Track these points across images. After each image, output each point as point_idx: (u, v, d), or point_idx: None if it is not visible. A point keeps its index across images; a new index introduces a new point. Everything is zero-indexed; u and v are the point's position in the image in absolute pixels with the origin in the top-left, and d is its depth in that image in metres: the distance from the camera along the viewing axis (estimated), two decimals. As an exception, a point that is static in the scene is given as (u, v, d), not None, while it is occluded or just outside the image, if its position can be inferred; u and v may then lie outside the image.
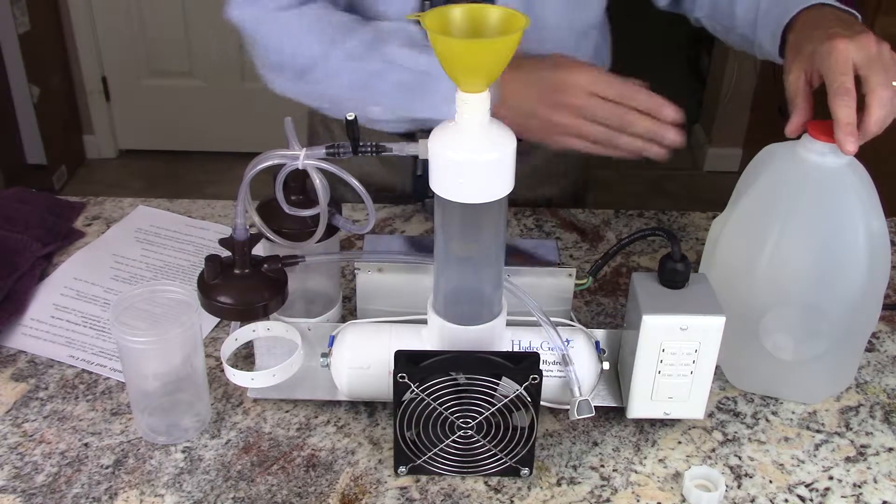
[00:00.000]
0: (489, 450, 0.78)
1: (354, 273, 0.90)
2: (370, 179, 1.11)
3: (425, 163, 0.72)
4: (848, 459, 0.83)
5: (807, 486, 0.80)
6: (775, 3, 0.97)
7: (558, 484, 0.80)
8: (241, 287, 0.80)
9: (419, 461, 0.78)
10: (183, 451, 0.82)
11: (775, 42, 0.95)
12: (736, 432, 0.86)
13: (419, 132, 1.00)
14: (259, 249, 0.85)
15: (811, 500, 0.79)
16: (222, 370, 0.86)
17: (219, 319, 0.95)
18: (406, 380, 0.74)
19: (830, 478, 0.81)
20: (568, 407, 0.80)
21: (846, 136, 0.76)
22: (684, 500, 0.78)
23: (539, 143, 0.98)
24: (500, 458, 0.78)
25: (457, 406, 0.76)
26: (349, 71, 1.00)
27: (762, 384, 0.90)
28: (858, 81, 0.79)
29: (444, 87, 0.95)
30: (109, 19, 3.08)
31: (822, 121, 0.80)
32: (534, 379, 0.74)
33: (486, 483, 0.79)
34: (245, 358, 0.92)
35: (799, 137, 0.83)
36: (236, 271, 0.81)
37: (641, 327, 0.78)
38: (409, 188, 1.20)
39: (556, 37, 1.08)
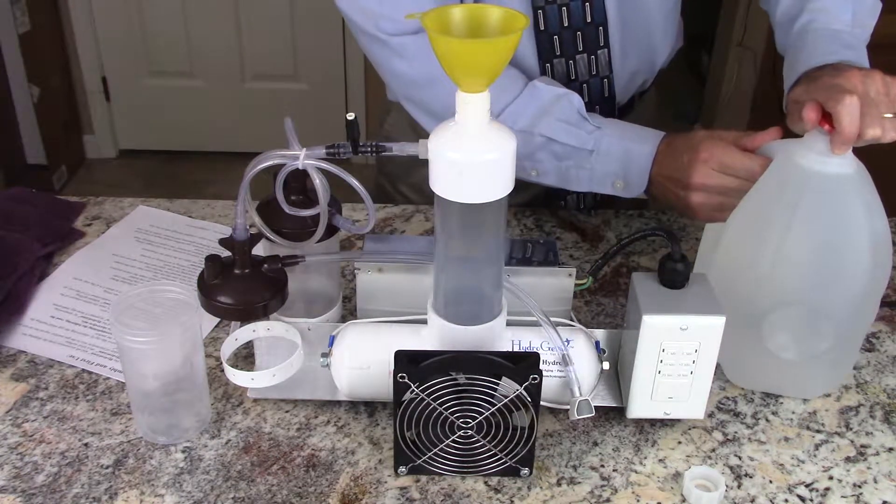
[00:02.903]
0: (489, 450, 0.78)
1: (354, 273, 0.90)
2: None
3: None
4: (848, 459, 0.83)
5: (807, 486, 0.80)
6: (790, 49, 1.00)
7: (558, 484, 0.80)
8: (241, 287, 0.80)
9: (419, 461, 0.78)
10: (183, 451, 0.82)
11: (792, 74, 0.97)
12: (736, 432, 0.86)
13: None
14: (259, 249, 0.85)
15: (811, 500, 0.79)
16: (222, 370, 0.86)
17: (219, 319, 0.95)
18: (406, 380, 0.74)
19: (830, 478, 0.81)
20: (568, 407, 0.80)
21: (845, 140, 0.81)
22: (684, 500, 0.78)
23: None
24: (500, 458, 0.78)
25: (457, 406, 0.76)
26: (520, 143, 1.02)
27: (763, 382, 0.90)
28: None
29: (613, 165, 0.99)
30: (109, 19, 3.08)
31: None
32: (534, 379, 0.74)
33: (486, 483, 0.79)
34: (245, 358, 0.92)
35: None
36: (236, 271, 0.81)
37: (641, 327, 0.78)
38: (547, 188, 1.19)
39: (654, 17, 1.11)
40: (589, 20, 1.06)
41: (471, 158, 0.69)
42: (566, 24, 1.05)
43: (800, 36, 1.00)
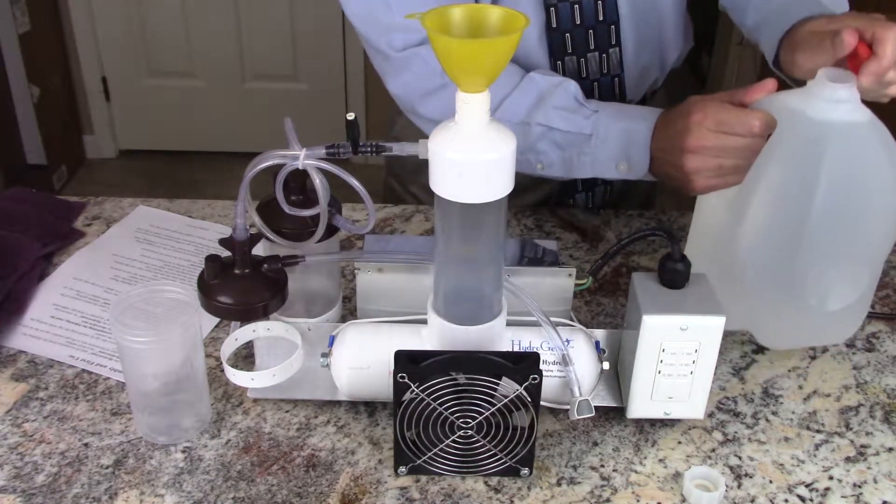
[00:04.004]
0: (489, 450, 0.78)
1: (354, 273, 0.90)
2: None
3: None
4: (848, 459, 0.83)
5: (807, 486, 0.80)
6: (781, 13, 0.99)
7: (558, 484, 0.80)
8: (241, 287, 0.80)
9: (419, 461, 0.78)
10: (183, 451, 0.82)
11: (774, 37, 0.97)
12: (736, 432, 0.86)
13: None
14: (259, 249, 0.85)
15: (811, 500, 0.79)
16: (222, 370, 0.86)
17: (219, 319, 0.95)
18: (406, 380, 0.74)
19: (830, 478, 0.81)
20: (568, 407, 0.80)
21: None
22: (684, 500, 0.78)
23: None
24: (500, 458, 0.78)
25: (457, 406, 0.76)
26: (517, 135, 1.01)
27: (800, 338, 0.90)
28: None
29: (612, 149, 0.97)
30: (109, 19, 3.08)
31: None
32: (534, 379, 0.74)
33: (486, 483, 0.79)
34: (245, 358, 0.92)
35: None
36: (236, 271, 0.81)
37: (641, 327, 0.78)
38: (552, 182, 1.19)
39: (666, 14, 1.11)
40: (601, 18, 1.06)
41: (471, 158, 0.69)
42: (578, 22, 1.05)
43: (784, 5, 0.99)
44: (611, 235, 1.15)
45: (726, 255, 0.86)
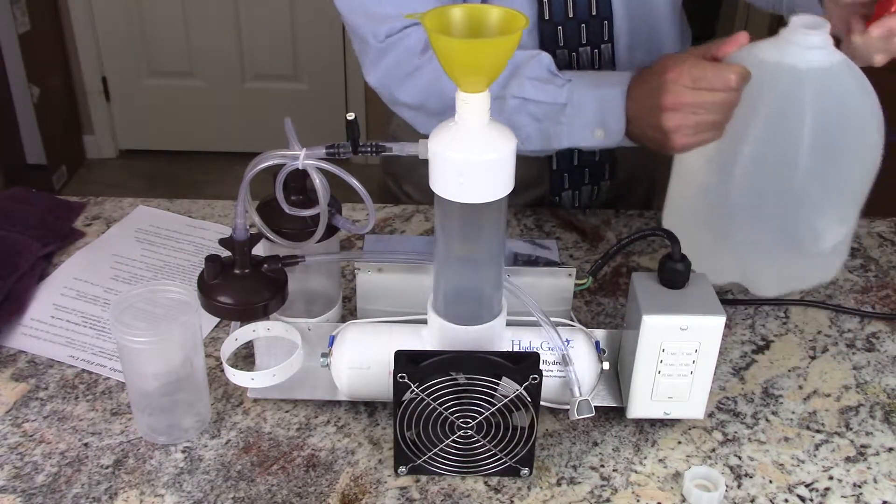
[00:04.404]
0: (489, 450, 0.78)
1: (354, 273, 0.90)
2: None
3: (559, 155, 0.71)
4: (848, 459, 0.83)
5: (807, 486, 0.80)
6: None
7: (558, 484, 0.80)
8: (241, 287, 0.80)
9: (419, 461, 0.78)
10: (183, 451, 0.82)
11: None
12: (736, 432, 0.86)
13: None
14: (259, 249, 0.85)
15: (811, 500, 0.79)
16: (222, 370, 0.86)
17: (219, 319, 0.95)
18: (406, 380, 0.74)
19: (830, 478, 0.81)
20: (568, 407, 0.80)
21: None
22: (684, 500, 0.78)
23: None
24: (500, 458, 0.78)
25: (457, 406, 0.76)
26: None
27: (791, 283, 0.93)
28: None
29: (588, 112, 0.97)
30: (109, 19, 3.08)
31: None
32: (534, 379, 0.74)
33: (486, 483, 0.79)
34: (245, 358, 0.92)
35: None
36: (236, 271, 0.81)
37: (641, 327, 0.78)
38: (545, 183, 1.19)
39: (660, 14, 1.11)
40: (594, 13, 1.06)
41: (471, 158, 0.69)
42: (571, 15, 1.05)
43: None
44: (611, 235, 1.15)
45: (714, 212, 0.86)
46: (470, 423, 0.76)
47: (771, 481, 0.81)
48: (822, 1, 0.96)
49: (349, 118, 0.74)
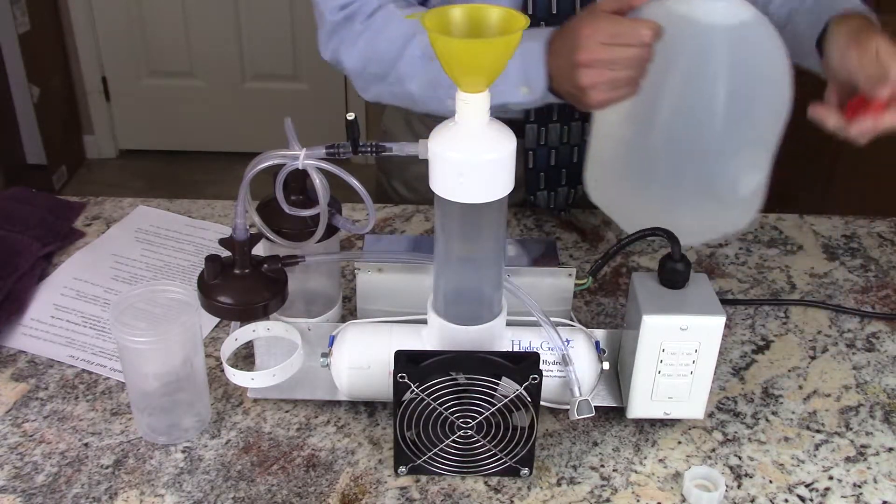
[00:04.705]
0: (489, 450, 0.78)
1: (354, 273, 0.90)
2: None
3: (535, 154, 0.72)
4: (848, 459, 0.83)
5: (807, 486, 0.80)
6: (817, 7, 1.01)
7: (558, 484, 0.80)
8: (241, 287, 0.80)
9: (419, 461, 0.78)
10: (183, 451, 0.82)
11: (815, 29, 0.97)
12: (736, 432, 0.86)
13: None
14: (259, 249, 0.85)
15: (811, 500, 0.79)
16: (222, 370, 0.86)
17: (219, 319, 0.95)
18: (406, 380, 0.74)
19: (830, 478, 0.81)
20: (568, 407, 0.80)
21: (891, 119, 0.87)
22: (684, 500, 0.78)
23: None
24: (500, 458, 0.78)
25: (457, 406, 0.76)
26: (420, 69, 1.00)
27: (713, 230, 0.96)
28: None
29: (512, 71, 0.95)
30: (109, 19, 3.08)
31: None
32: (534, 379, 0.74)
33: (486, 483, 0.79)
34: (245, 358, 0.92)
35: None
36: (236, 271, 0.81)
37: (641, 327, 0.78)
38: (521, 183, 1.18)
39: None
40: (579, 9, 1.06)
41: (471, 158, 0.69)
42: (555, 12, 1.05)
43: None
44: (611, 235, 1.15)
45: (634, 165, 0.88)
46: (470, 423, 0.76)
47: (771, 481, 0.81)
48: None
49: (349, 118, 0.74)
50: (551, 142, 1.14)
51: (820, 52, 0.97)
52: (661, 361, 0.80)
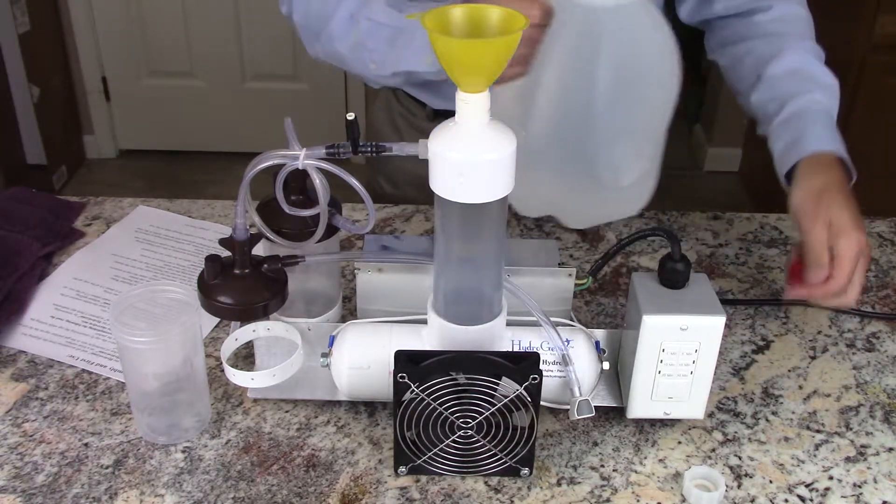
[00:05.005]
0: (489, 450, 0.78)
1: (354, 273, 0.90)
2: None
3: None
4: (848, 459, 0.83)
5: (807, 486, 0.80)
6: (792, 122, 0.99)
7: (558, 484, 0.80)
8: (241, 287, 0.80)
9: (419, 461, 0.78)
10: (183, 451, 0.82)
11: (784, 162, 0.98)
12: (736, 432, 0.86)
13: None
14: (259, 249, 0.85)
15: (811, 500, 0.79)
16: (222, 370, 0.86)
17: (219, 319, 0.95)
18: (406, 380, 0.74)
19: (830, 478, 0.81)
20: (568, 407, 0.80)
21: (824, 295, 0.90)
22: (684, 500, 0.78)
23: None
24: (500, 458, 0.78)
25: (457, 406, 0.76)
26: (348, 31, 1.02)
27: (598, 216, 0.95)
28: None
29: (420, 40, 0.97)
30: (109, 19, 3.08)
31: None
32: (534, 379, 0.74)
33: (486, 483, 0.79)
34: (245, 358, 0.92)
35: None
36: (236, 271, 0.81)
37: (641, 327, 0.78)
38: None
39: None
40: None
41: (471, 158, 0.69)
42: None
43: (804, 113, 0.99)
44: (611, 235, 1.15)
45: (525, 147, 0.87)
46: (470, 423, 0.76)
47: (771, 481, 0.81)
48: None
49: (349, 118, 0.74)
50: None
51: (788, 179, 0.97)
52: (661, 361, 0.80)
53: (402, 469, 0.79)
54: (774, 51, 1.04)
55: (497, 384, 0.75)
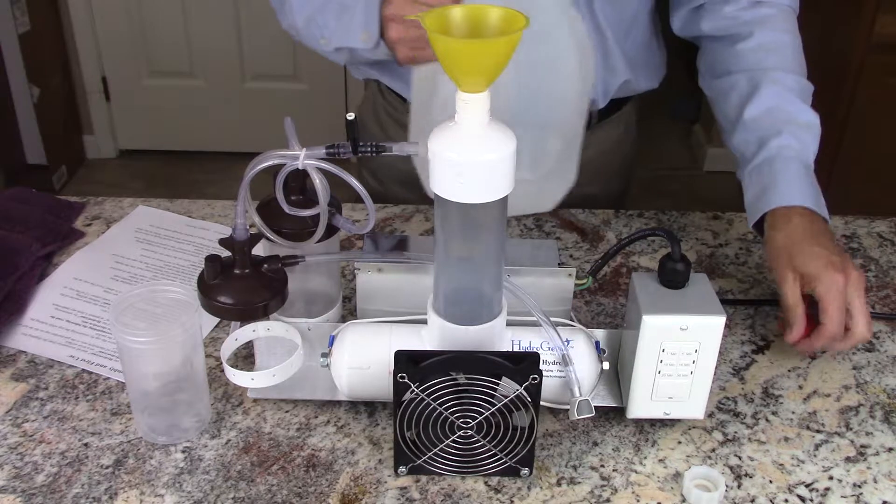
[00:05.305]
0: (489, 450, 0.78)
1: (354, 273, 0.90)
2: None
3: None
4: (848, 459, 0.83)
5: (807, 486, 0.80)
6: (762, 171, 0.99)
7: (558, 484, 0.80)
8: (241, 287, 0.80)
9: (419, 461, 0.78)
10: (183, 451, 0.82)
11: (751, 215, 0.98)
12: (736, 432, 0.86)
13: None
14: (259, 249, 0.85)
15: (811, 500, 0.79)
16: (222, 370, 0.86)
17: (219, 319, 0.95)
18: (406, 380, 0.74)
19: (830, 478, 0.81)
20: (568, 407, 0.80)
21: (824, 343, 0.89)
22: (684, 500, 0.78)
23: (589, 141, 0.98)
24: (500, 458, 0.78)
25: (457, 406, 0.76)
26: (304, 4, 1.03)
27: (512, 207, 0.93)
28: None
29: (359, 17, 0.97)
30: (109, 19, 3.08)
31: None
32: (534, 379, 0.74)
33: (486, 483, 0.79)
34: (245, 358, 0.92)
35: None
36: (236, 271, 0.81)
37: (641, 327, 0.78)
38: None
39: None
40: None
41: (471, 158, 0.69)
42: None
43: (774, 160, 0.98)
44: (611, 235, 1.15)
45: (429, 129, 0.87)
46: (470, 423, 0.76)
47: (771, 481, 0.81)
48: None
49: (349, 118, 0.74)
50: None
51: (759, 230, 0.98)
52: (661, 361, 0.80)
53: (402, 469, 0.79)
54: (753, 88, 1.02)
55: (497, 384, 0.75)
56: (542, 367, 0.76)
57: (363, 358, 0.81)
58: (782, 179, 0.96)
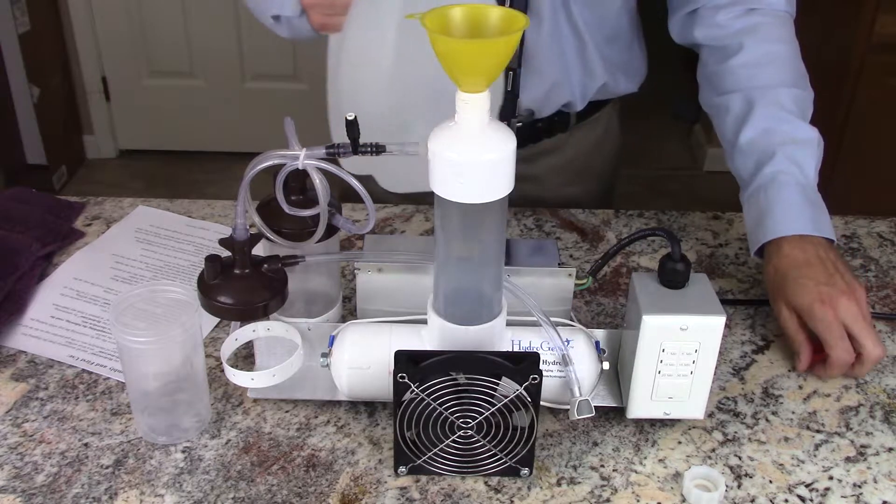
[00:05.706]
0: (489, 450, 0.78)
1: (354, 273, 0.90)
2: None
3: (515, 77, 0.71)
4: (848, 459, 0.83)
5: (807, 486, 0.80)
6: (760, 197, 0.98)
7: (558, 484, 0.80)
8: (241, 287, 0.80)
9: (419, 461, 0.78)
10: (183, 451, 0.82)
11: (751, 243, 0.98)
12: (736, 432, 0.86)
13: None
14: (259, 249, 0.85)
15: (811, 500, 0.79)
16: (222, 370, 0.86)
17: (219, 319, 0.95)
18: (406, 380, 0.74)
19: (830, 478, 0.81)
20: (568, 407, 0.80)
21: (838, 371, 0.90)
22: (684, 500, 0.78)
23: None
24: (500, 458, 0.78)
25: (457, 406, 0.76)
26: None
27: (415, 183, 0.92)
28: None
29: None
30: (109, 19, 3.08)
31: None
32: (534, 379, 0.74)
33: (486, 483, 0.79)
34: (245, 358, 0.92)
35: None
36: (236, 271, 0.81)
37: (641, 327, 0.78)
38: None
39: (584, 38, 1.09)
40: None
41: (471, 158, 0.69)
42: None
43: (768, 186, 0.98)
44: (611, 235, 1.15)
45: (338, 104, 0.87)
46: (470, 423, 0.76)
47: (771, 481, 0.81)
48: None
49: (349, 118, 0.74)
50: None
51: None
52: (661, 361, 0.80)
53: (402, 469, 0.79)
54: (747, 110, 1.01)
55: (497, 384, 0.75)
56: (542, 367, 0.76)
57: (363, 358, 0.81)
58: (775, 209, 0.96)
